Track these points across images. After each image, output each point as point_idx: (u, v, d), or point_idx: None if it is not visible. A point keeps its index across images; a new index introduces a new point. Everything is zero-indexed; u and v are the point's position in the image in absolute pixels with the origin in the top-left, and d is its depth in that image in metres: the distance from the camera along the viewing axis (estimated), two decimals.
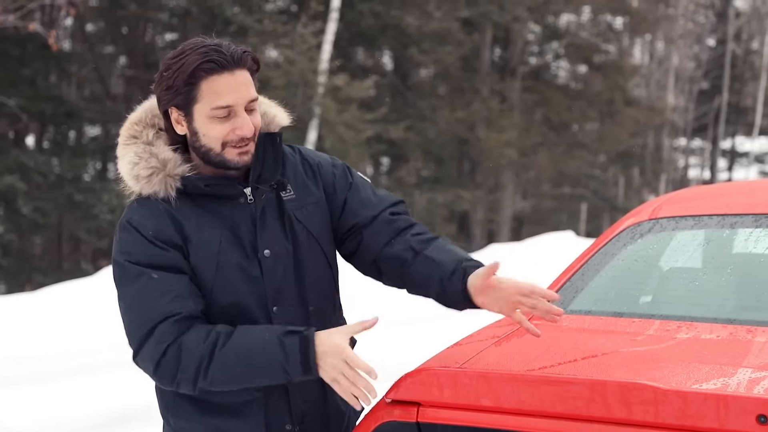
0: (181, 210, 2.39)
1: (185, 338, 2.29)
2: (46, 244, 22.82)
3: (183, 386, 2.32)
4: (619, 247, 3.21)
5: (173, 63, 2.35)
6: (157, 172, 2.39)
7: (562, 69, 30.21)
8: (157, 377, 2.34)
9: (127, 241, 2.37)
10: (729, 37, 38.00)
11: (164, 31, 23.41)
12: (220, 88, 2.32)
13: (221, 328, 2.32)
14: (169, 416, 2.46)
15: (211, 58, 2.31)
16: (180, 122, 2.39)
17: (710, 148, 42.05)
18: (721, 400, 2.10)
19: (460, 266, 2.45)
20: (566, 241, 17.61)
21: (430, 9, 22.00)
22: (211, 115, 2.34)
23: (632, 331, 2.74)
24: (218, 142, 2.36)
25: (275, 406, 2.44)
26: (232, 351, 2.28)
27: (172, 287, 2.32)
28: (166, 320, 2.30)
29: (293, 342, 2.28)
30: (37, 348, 8.51)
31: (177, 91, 2.34)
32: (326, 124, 18.95)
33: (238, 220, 2.42)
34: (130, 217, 2.39)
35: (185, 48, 2.36)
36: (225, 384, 2.32)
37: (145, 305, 2.32)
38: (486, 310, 2.45)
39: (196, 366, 2.28)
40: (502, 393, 2.31)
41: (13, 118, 18.16)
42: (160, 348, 2.29)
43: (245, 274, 2.40)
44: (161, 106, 2.40)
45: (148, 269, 2.33)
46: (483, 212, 26.05)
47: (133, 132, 2.46)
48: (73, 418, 6.50)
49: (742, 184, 3.75)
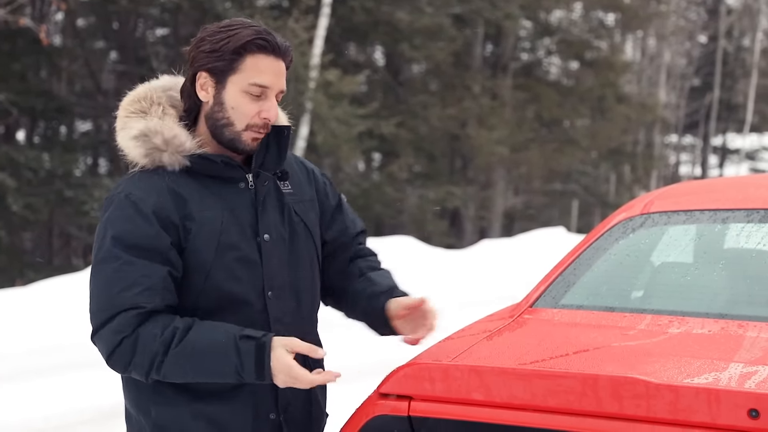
0: (185, 186, 2.38)
1: (141, 331, 2.28)
2: (36, 239, 22.75)
3: (135, 375, 2.33)
4: (611, 241, 3.21)
5: (222, 30, 2.38)
6: (165, 147, 2.37)
7: (554, 65, 30.22)
8: (109, 364, 2.34)
9: (120, 217, 2.34)
10: (720, 34, 38.07)
11: (155, 26, 23.34)
12: (264, 67, 2.37)
13: (179, 323, 2.30)
14: (151, 406, 2.40)
15: (265, 38, 2.37)
16: (206, 88, 2.40)
17: (701, 144, 42.13)
18: (712, 395, 2.10)
19: (391, 290, 2.56)
20: (557, 237, 17.65)
21: (421, 5, 21.97)
22: (246, 90, 2.37)
23: (624, 325, 2.74)
24: (244, 121, 2.39)
25: (263, 394, 2.43)
26: (186, 349, 2.27)
27: (144, 278, 2.30)
28: (128, 311, 2.28)
29: (249, 348, 2.28)
30: (26, 343, 8.48)
31: (221, 56, 2.35)
32: (318, 119, 18.93)
33: (238, 203, 2.42)
34: (130, 192, 2.36)
35: (234, 21, 2.41)
36: (178, 379, 2.32)
37: (113, 290, 2.30)
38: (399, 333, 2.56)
39: (149, 361, 2.28)
40: (494, 387, 2.31)
41: (4, 113, 18.08)
42: (116, 338, 2.29)
43: (245, 256, 2.40)
44: (193, 68, 2.40)
45: (130, 252, 2.30)
46: (474, 208, 26.06)
47: (140, 107, 2.44)
48: (62, 413, 6.49)
49: (734, 180, 3.75)
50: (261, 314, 2.42)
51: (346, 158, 20.78)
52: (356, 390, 4.00)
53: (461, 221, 26.68)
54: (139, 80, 2.60)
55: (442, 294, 12.35)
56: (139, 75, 19.68)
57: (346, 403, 3.60)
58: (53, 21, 22.02)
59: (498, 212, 26.64)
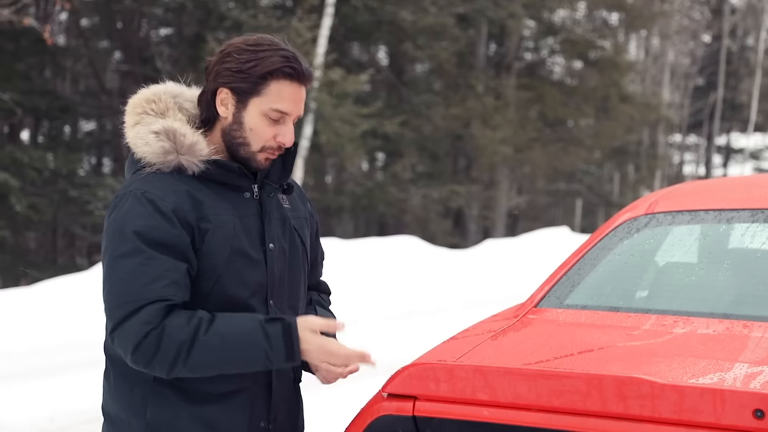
0: (199, 190, 2.39)
1: (168, 322, 2.27)
2: (40, 239, 22.77)
3: (157, 370, 2.30)
4: (615, 241, 3.21)
5: (251, 50, 2.38)
6: (185, 150, 2.38)
7: (558, 65, 30.22)
8: (132, 358, 2.29)
9: (140, 213, 2.32)
10: (724, 34, 38.04)
11: (159, 26, 23.36)
12: (287, 94, 2.40)
13: (202, 314, 2.31)
14: (147, 406, 2.37)
15: (294, 66, 2.39)
16: (226, 104, 2.41)
17: (705, 144, 42.10)
18: (717, 395, 2.10)
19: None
20: (561, 236, 17.66)
21: (425, 4, 21.97)
22: (266, 114, 2.39)
23: (629, 325, 2.74)
24: (260, 143, 2.41)
25: (258, 400, 2.44)
26: (215, 337, 2.28)
27: (169, 272, 2.30)
28: (155, 303, 2.27)
29: (276, 330, 2.30)
30: (31, 342, 8.50)
31: (246, 77, 2.37)
32: (321, 119, 18.93)
33: (246, 211, 2.44)
34: (146, 190, 2.35)
35: (263, 41, 2.40)
36: (203, 370, 2.31)
37: (138, 282, 2.28)
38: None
39: (176, 351, 2.26)
40: (499, 387, 2.31)
41: (8, 112, 18.11)
42: (143, 330, 2.26)
43: (253, 263, 2.42)
44: (216, 82, 2.41)
45: (153, 247, 2.30)
46: (478, 208, 26.05)
47: (156, 108, 2.44)
48: (67, 412, 6.50)
49: (738, 180, 3.75)
50: None
51: (349, 158, 20.79)
52: (361, 389, 4.00)
53: (465, 221, 26.67)
54: (143, 80, 2.61)
55: (445, 294, 12.36)
56: (143, 75, 19.71)
57: (350, 403, 3.61)
58: (57, 21, 22.05)
59: (502, 212, 26.64)
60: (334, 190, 22.93)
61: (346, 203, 22.53)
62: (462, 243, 24.28)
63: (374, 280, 12.08)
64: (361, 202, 22.43)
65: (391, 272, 12.72)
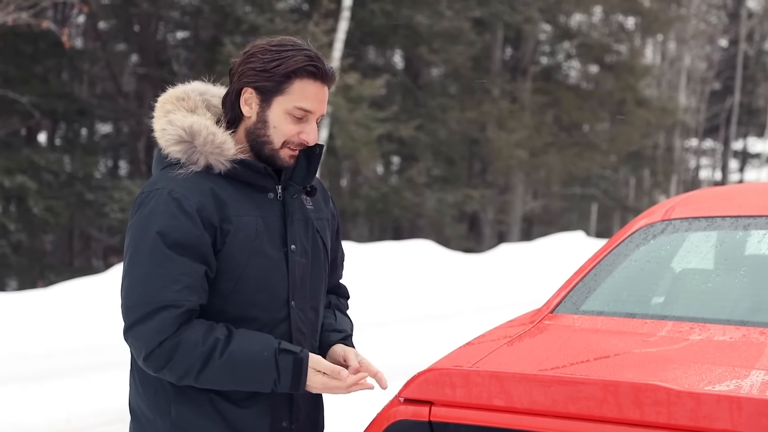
0: (224, 189, 2.40)
1: (184, 336, 2.29)
2: (57, 241, 22.87)
3: (167, 376, 2.34)
4: (631, 247, 3.21)
5: (274, 50, 2.41)
6: (213, 148, 2.40)
7: (574, 69, 30.16)
8: (144, 362, 2.33)
9: (164, 212, 2.34)
10: (741, 38, 37.89)
11: (176, 29, 23.45)
12: (310, 93, 2.42)
13: (219, 333, 2.33)
14: (171, 406, 2.41)
15: (317, 65, 2.42)
16: (250, 104, 2.43)
17: (722, 149, 41.93)
18: (734, 402, 2.10)
19: (345, 335, 2.63)
20: (577, 241, 17.61)
21: (441, 8, 21.97)
22: (290, 112, 2.42)
23: (645, 332, 2.74)
24: (282, 139, 2.43)
25: (279, 400, 2.46)
26: (228, 363, 2.31)
27: (185, 276, 2.31)
28: (169, 308, 2.29)
29: (287, 364, 2.35)
30: (48, 344, 8.54)
31: (270, 77, 2.39)
32: (337, 123, 18.96)
33: (269, 212, 2.46)
34: (172, 189, 2.36)
35: (286, 42, 2.43)
36: (211, 385, 2.35)
37: (154, 284, 2.30)
38: None
39: (187, 368, 2.30)
40: (515, 393, 2.31)
41: (26, 115, 18.20)
42: (157, 339, 2.29)
43: (274, 264, 2.43)
44: (240, 82, 2.43)
45: (172, 248, 2.32)
46: (493, 212, 26.02)
47: (185, 105, 2.47)
48: (84, 414, 6.53)
49: (755, 186, 3.74)
50: (283, 323, 2.45)
51: (365, 162, 20.80)
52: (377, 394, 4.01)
53: (480, 225, 26.65)
54: (159, 83, 2.63)
55: (460, 298, 12.36)
56: (160, 78, 19.78)
57: (366, 407, 3.61)
58: (75, 24, 22.16)
59: (517, 216, 26.60)
60: (350, 194, 22.95)
61: (361, 207, 22.55)
62: (477, 247, 24.26)
63: (389, 284, 12.08)
64: (376, 206, 22.44)
65: (405, 276, 12.72)
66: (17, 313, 9.23)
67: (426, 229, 24.34)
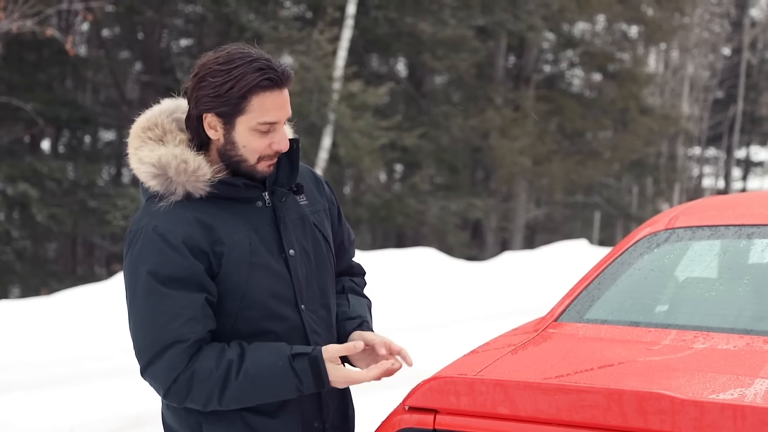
0: (208, 213, 2.38)
1: (197, 367, 2.30)
2: (60, 249, 22.89)
3: (193, 406, 2.36)
4: (635, 256, 3.21)
5: (224, 71, 2.33)
6: (188, 176, 2.37)
7: (577, 77, 30.17)
8: (166, 399, 2.36)
9: (151, 251, 2.33)
10: (744, 47, 37.90)
11: (180, 36, 23.50)
12: (270, 105, 2.36)
13: (231, 354, 2.33)
14: (202, 422, 2.41)
15: (269, 76, 2.33)
16: (215, 128, 2.39)
17: (725, 157, 41.91)
18: (738, 411, 2.10)
19: (360, 320, 2.61)
20: (580, 249, 17.60)
21: (444, 16, 21.99)
22: (255, 129, 2.37)
23: (649, 340, 2.74)
24: (256, 155, 2.39)
25: (308, 404, 2.48)
26: (246, 381, 2.32)
27: (185, 309, 2.31)
28: (176, 345, 2.30)
29: (304, 366, 2.35)
30: (51, 352, 8.54)
31: (226, 101, 2.34)
32: (341, 131, 18.97)
33: (260, 222, 2.44)
34: (156, 225, 2.34)
35: (233, 56, 2.34)
36: (236, 406, 2.36)
37: (156, 324, 2.31)
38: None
39: (207, 396, 2.32)
40: (519, 401, 2.32)
41: (30, 122, 18.24)
42: (171, 376, 2.31)
43: (275, 273, 2.43)
44: (197, 109, 2.38)
45: (166, 285, 2.31)
46: (496, 220, 26.02)
47: (154, 135, 2.43)
48: (88, 422, 6.53)
49: (758, 195, 3.74)
50: (298, 328, 2.46)
51: (368, 170, 20.80)
52: (382, 400, 4.02)
53: (483, 233, 26.65)
54: (163, 90, 2.62)
55: (463, 306, 12.35)
56: (164, 85, 19.81)
57: (372, 414, 3.62)
58: (79, 31, 22.20)
59: (520, 224, 26.60)
60: (353, 202, 22.96)
61: (364, 215, 22.55)
62: (480, 255, 24.25)
63: (392, 292, 12.08)
64: (380, 213, 22.44)
65: (408, 284, 12.72)
66: (20, 321, 9.24)
67: (429, 237, 24.34)
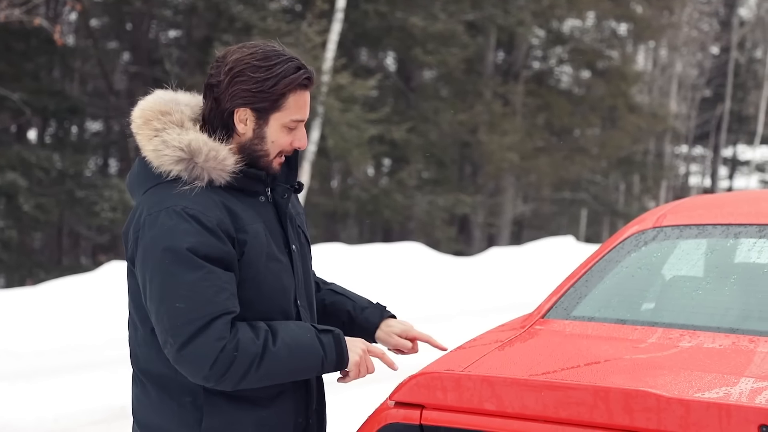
0: (229, 201, 2.40)
1: (240, 336, 2.31)
2: (46, 239, 22.81)
3: (226, 383, 2.31)
4: (623, 254, 3.22)
5: (264, 68, 2.37)
6: (216, 163, 2.37)
7: (565, 74, 30.19)
8: (208, 374, 2.29)
9: (185, 229, 2.31)
10: (732, 46, 38.01)
11: (168, 27, 23.40)
12: (303, 103, 2.44)
13: (263, 326, 2.36)
14: (202, 417, 2.39)
15: (309, 75, 2.42)
16: (244, 122, 2.41)
17: (711, 155, 42.04)
18: (723, 409, 2.11)
19: (379, 306, 2.76)
20: (566, 245, 17.63)
21: (435, 11, 21.97)
22: (286, 125, 2.43)
23: (635, 338, 2.75)
24: (278, 150, 2.45)
25: (298, 399, 2.50)
26: (283, 349, 2.34)
27: (227, 284, 2.32)
28: (223, 316, 2.29)
29: (330, 341, 2.41)
30: (36, 343, 8.51)
31: (267, 96, 2.38)
32: (329, 123, 18.94)
33: (267, 216, 2.48)
34: (186, 206, 2.33)
35: (269, 54, 2.39)
36: (267, 380, 2.36)
37: (202, 297, 2.28)
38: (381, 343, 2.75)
39: (249, 363, 2.30)
40: (505, 397, 2.32)
41: (17, 112, 18.15)
42: (218, 345, 2.27)
43: (283, 267, 2.47)
44: (232, 103, 2.39)
45: (207, 262, 2.31)
46: (483, 216, 26.05)
47: (172, 120, 2.42)
48: (73, 413, 6.51)
49: (746, 194, 3.76)
50: None
51: (356, 163, 20.79)
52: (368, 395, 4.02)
53: (470, 228, 26.67)
54: (151, 81, 2.60)
55: (450, 301, 12.37)
56: (152, 76, 19.74)
57: (358, 409, 3.62)
58: (67, 21, 22.10)
59: (507, 220, 26.63)
60: (340, 195, 22.95)
61: (351, 208, 22.55)
62: (467, 250, 24.27)
63: (378, 287, 12.08)
64: (367, 207, 22.43)
65: (395, 279, 12.73)
66: (5, 311, 9.21)
67: (416, 232, 24.33)
